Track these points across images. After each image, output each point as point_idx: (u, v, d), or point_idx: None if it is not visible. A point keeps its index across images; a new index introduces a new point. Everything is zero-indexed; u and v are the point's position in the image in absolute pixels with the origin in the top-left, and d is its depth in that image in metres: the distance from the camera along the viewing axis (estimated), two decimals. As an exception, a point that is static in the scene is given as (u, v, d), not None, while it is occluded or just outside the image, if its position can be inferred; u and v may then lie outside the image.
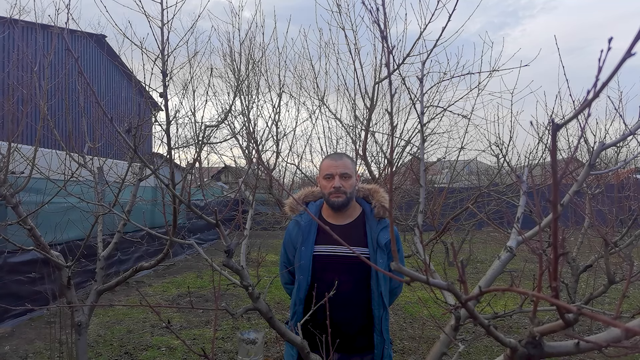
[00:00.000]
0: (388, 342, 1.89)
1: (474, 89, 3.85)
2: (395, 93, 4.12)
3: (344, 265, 1.86)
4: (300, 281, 1.87)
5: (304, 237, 1.91)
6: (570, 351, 0.78)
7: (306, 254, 1.88)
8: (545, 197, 3.85)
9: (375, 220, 1.92)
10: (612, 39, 0.49)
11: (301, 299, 1.87)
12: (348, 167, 1.88)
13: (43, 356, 4.17)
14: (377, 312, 1.85)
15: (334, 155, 1.97)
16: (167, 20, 1.56)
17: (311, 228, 1.92)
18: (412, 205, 5.42)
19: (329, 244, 1.90)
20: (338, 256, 1.87)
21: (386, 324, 1.88)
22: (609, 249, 2.99)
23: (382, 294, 1.84)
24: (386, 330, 1.88)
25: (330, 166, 1.88)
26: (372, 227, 1.90)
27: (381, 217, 1.92)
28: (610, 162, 5.11)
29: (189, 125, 5.29)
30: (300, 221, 1.94)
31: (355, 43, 3.75)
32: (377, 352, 1.86)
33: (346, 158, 1.93)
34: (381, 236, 1.87)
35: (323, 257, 1.88)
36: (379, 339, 1.86)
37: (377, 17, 1.27)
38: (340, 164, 1.87)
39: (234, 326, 5.06)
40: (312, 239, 1.90)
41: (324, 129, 7.13)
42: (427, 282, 0.67)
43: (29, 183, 2.65)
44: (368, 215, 1.94)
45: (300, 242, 1.91)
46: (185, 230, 8.67)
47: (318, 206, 2.00)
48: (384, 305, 1.85)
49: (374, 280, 1.84)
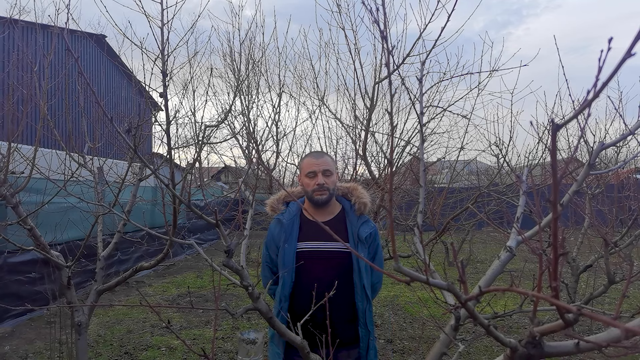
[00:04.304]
0: (373, 335, 1.95)
1: (474, 89, 3.85)
2: (395, 93, 4.12)
3: (327, 260, 1.92)
4: (285, 278, 1.91)
5: (286, 235, 1.95)
6: (570, 351, 0.78)
7: (289, 251, 1.92)
8: (545, 197, 3.85)
9: (355, 216, 1.99)
10: (612, 39, 0.49)
11: (286, 295, 1.91)
12: (329, 165, 1.96)
13: (43, 356, 4.17)
14: (361, 305, 1.90)
15: (315, 153, 2.02)
16: (167, 20, 1.56)
17: (293, 225, 1.97)
18: (412, 205, 5.41)
19: (311, 240, 1.96)
20: (321, 251, 1.94)
21: (370, 317, 1.94)
22: (609, 249, 2.99)
23: (365, 287, 1.90)
24: (370, 323, 1.94)
25: (312, 164, 1.94)
26: (352, 222, 1.97)
27: (361, 213, 2.00)
28: (610, 162, 5.11)
29: (189, 125, 5.29)
30: (282, 219, 1.99)
31: (355, 43, 3.75)
32: (362, 344, 1.92)
33: (326, 156, 2.00)
34: (361, 231, 1.94)
35: (306, 253, 1.93)
36: (364, 332, 1.91)
37: (377, 17, 1.27)
38: (321, 161, 1.94)
39: (234, 326, 5.06)
40: (295, 235, 1.95)
41: (324, 129, 7.14)
42: (427, 282, 0.67)
43: (29, 183, 2.64)
44: (348, 211, 2.01)
45: (283, 239, 1.95)
46: (185, 230, 8.67)
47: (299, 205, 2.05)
48: (367, 298, 1.91)
49: (357, 273, 1.91)
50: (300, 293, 1.91)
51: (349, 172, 4.94)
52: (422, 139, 1.68)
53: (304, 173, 1.96)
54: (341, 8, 3.75)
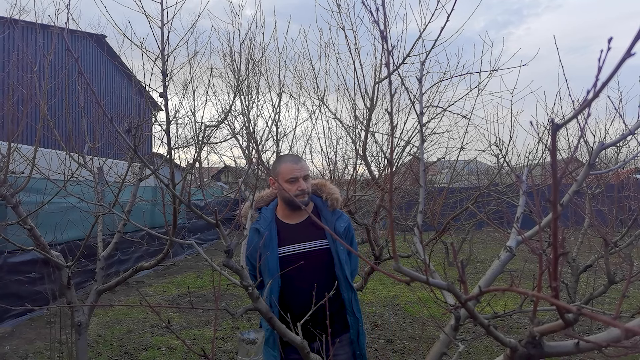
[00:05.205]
0: (361, 321, 2.04)
1: (474, 89, 3.84)
2: (395, 93, 4.12)
3: (308, 259, 1.98)
4: (272, 285, 1.93)
5: (266, 243, 1.98)
6: (570, 351, 0.78)
7: (272, 258, 1.96)
8: (545, 197, 3.85)
9: (329, 212, 2.07)
10: (612, 39, 0.49)
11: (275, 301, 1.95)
12: (307, 170, 2.03)
13: (43, 356, 4.17)
14: (347, 295, 1.99)
15: (293, 158, 2.04)
16: (167, 20, 1.56)
17: (271, 232, 2.01)
18: (412, 205, 5.41)
19: (291, 243, 2.01)
20: (302, 252, 1.99)
21: (357, 305, 2.03)
22: (609, 249, 2.99)
23: (347, 278, 1.99)
24: (358, 310, 2.03)
25: (293, 170, 1.98)
26: (327, 218, 2.05)
27: (334, 208, 2.08)
28: (610, 162, 5.11)
29: (189, 125, 5.28)
30: (259, 228, 2.01)
31: (355, 43, 3.75)
32: (352, 331, 2.01)
33: (302, 160, 2.06)
34: (337, 225, 2.03)
35: (288, 256, 1.98)
36: (353, 319, 2.00)
37: (377, 17, 1.27)
38: (301, 167, 1.99)
39: (234, 326, 5.06)
40: (274, 242, 1.99)
41: (324, 129, 7.13)
42: (427, 282, 0.67)
43: (29, 183, 2.64)
44: (321, 208, 2.08)
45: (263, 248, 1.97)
46: (185, 230, 8.67)
47: (272, 210, 2.09)
48: (350, 287, 2.00)
49: (338, 267, 1.98)
50: (289, 295, 1.97)
51: (348, 172, 4.94)
52: (422, 139, 1.68)
53: (283, 178, 1.98)
54: (341, 8, 3.74)
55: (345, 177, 4.85)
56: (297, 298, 1.95)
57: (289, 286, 1.96)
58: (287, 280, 1.95)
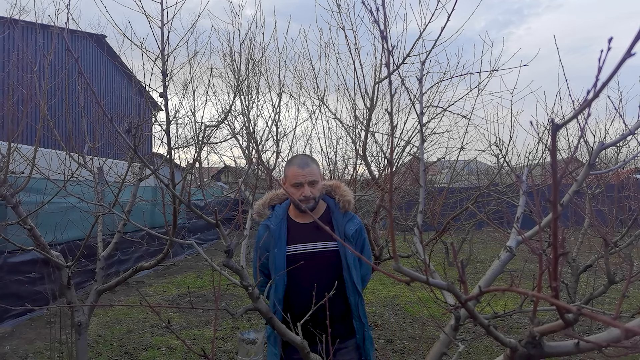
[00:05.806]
0: (367, 326, 2.01)
1: (474, 89, 3.84)
2: (395, 93, 4.12)
3: (316, 260, 1.96)
4: (277, 282, 1.94)
5: (275, 240, 1.98)
6: (570, 351, 0.78)
7: (280, 256, 1.95)
8: (545, 197, 3.85)
9: (340, 214, 2.03)
10: (612, 39, 0.49)
11: (280, 299, 1.95)
12: (315, 174, 1.96)
13: (43, 356, 4.17)
14: (353, 299, 1.96)
15: (300, 162, 1.98)
16: (167, 20, 1.56)
17: (281, 230, 2.00)
18: (412, 205, 5.41)
19: (300, 242, 1.99)
20: (310, 253, 1.98)
21: (362, 309, 2.01)
22: (609, 249, 2.99)
23: (355, 282, 1.96)
24: (363, 315, 2.00)
25: (298, 175, 1.94)
26: (338, 220, 2.02)
27: (346, 210, 2.04)
28: (610, 162, 5.11)
29: (189, 125, 5.28)
30: (270, 225, 2.02)
31: (355, 43, 3.75)
32: (358, 336, 1.98)
33: (312, 163, 1.99)
34: (347, 228, 2.00)
35: (296, 255, 1.97)
36: (359, 324, 1.98)
37: (377, 17, 1.27)
38: (307, 172, 1.94)
39: (234, 326, 5.06)
40: (283, 240, 1.98)
41: (324, 129, 7.12)
42: (427, 282, 0.67)
43: (29, 183, 2.65)
44: (333, 209, 2.05)
45: (272, 245, 1.98)
46: (185, 230, 8.67)
47: (284, 208, 2.09)
48: (357, 292, 1.97)
49: (346, 270, 1.96)
50: (294, 295, 1.97)
51: (349, 172, 4.94)
52: (422, 139, 1.68)
53: (289, 182, 1.97)
54: (341, 8, 3.74)
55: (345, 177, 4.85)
56: (300, 297, 1.94)
57: (294, 285, 1.95)
58: (293, 279, 1.94)
